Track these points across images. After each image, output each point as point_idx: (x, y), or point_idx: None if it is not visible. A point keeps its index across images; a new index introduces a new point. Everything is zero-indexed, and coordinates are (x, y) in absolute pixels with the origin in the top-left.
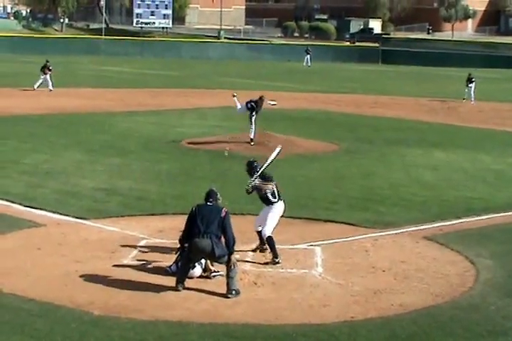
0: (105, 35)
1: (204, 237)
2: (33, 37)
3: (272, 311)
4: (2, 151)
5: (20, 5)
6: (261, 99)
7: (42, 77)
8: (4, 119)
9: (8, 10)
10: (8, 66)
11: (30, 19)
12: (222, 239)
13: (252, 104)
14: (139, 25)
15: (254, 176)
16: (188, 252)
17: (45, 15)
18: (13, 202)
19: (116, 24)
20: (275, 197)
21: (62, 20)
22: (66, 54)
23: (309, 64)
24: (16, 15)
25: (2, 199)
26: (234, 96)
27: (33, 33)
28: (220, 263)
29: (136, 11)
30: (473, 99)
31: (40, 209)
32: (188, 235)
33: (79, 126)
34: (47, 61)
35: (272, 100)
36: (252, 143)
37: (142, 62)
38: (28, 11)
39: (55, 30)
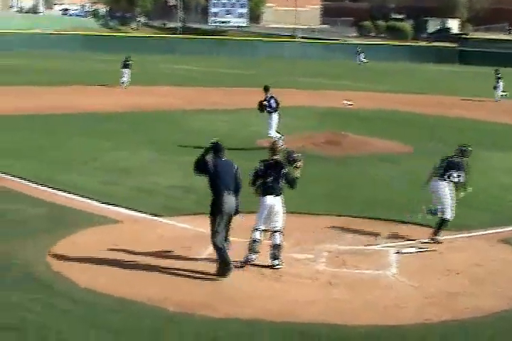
0: (181, 33)
1: (229, 194)
2: (111, 35)
3: (347, 311)
4: (82, 148)
5: (98, 3)
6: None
7: (125, 72)
8: (85, 117)
9: (87, 8)
10: (86, 64)
11: (108, 18)
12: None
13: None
14: (215, 24)
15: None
16: (218, 212)
17: (122, 14)
18: (90, 198)
19: (192, 23)
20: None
21: (139, 19)
22: (142, 52)
23: (364, 61)
24: (94, 13)
25: (80, 195)
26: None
27: (110, 32)
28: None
29: (212, 9)
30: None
31: (117, 205)
32: (213, 193)
33: (154, 124)
34: (127, 57)
35: (348, 100)
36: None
37: (217, 60)
38: (106, 9)
39: (132, 28)
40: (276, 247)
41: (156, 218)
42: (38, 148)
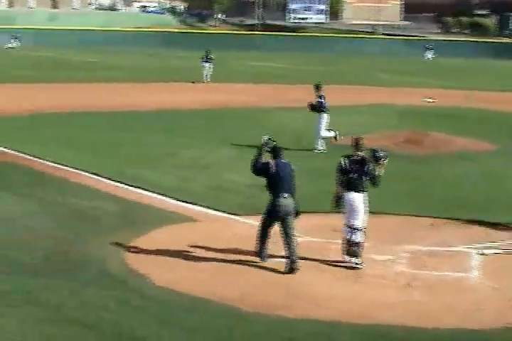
0: (259, 30)
1: (286, 196)
2: (188, 32)
3: (426, 314)
4: (159, 145)
5: (176, 1)
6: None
7: (207, 66)
8: (163, 113)
9: (165, 5)
10: (164, 61)
11: (186, 15)
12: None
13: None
14: (294, 21)
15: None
16: (271, 213)
17: (200, 11)
18: (167, 195)
19: (270, 20)
20: None
21: (217, 16)
22: (220, 49)
23: (430, 58)
24: (173, 11)
25: (157, 193)
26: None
27: (188, 29)
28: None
29: (291, 6)
30: None
31: (193, 203)
32: (271, 194)
33: (232, 122)
34: (208, 51)
35: (429, 97)
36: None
37: (296, 57)
38: (185, 6)
39: (210, 25)
40: (354, 245)
41: (232, 217)
42: (115, 144)
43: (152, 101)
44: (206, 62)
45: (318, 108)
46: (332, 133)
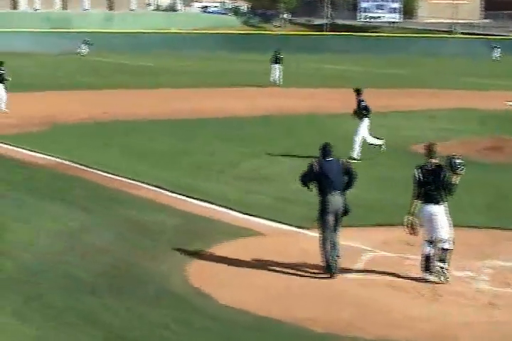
0: (328, 31)
1: (335, 194)
2: (252, 34)
3: (510, 335)
4: (221, 154)
5: (239, 0)
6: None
7: (276, 67)
8: (225, 121)
9: (227, 5)
10: (227, 65)
11: (249, 15)
12: None
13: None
14: (365, 20)
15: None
16: (322, 213)
17: (265, 10)
18: (231, 208)
19: (340, 19)
20: None
21: (282, 15)
22: (287, 52)
23: (497, 57)
24: (235, 11)
25: (220, 205)
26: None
27: (252, 30)
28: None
29: (362, 4)
30: None
31: (258, 216)
32: (319, 194)
33: (298, 129)
34: (277, 51)
35: (510, 101)
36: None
37: (367, 59)
38: (248, 6)
39: (276, 26)
40: (442, 259)
41: (300, 230)
42: (176, 154)
43: (213, 107)
44: (276, 63)
45: (361, 112)
46: (380, 141)
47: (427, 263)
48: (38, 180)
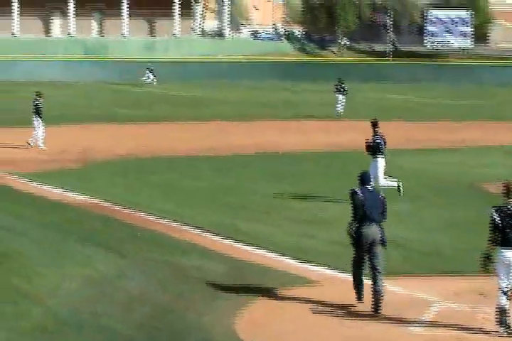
0: (392, 57)
1: (371, 224)
2: (309, 61)
3: None
4: (269, 194)
5: (292, 24)
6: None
7: (340, 98)
8: (273, 157)
9: (280, 30)
10: (281, 95)
11: (304, 41)
12: None
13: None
14: (432, 46)
15: None
16: (357, 242)
17: (321, 36)
18: (283, 254)
19: (404, 45)
20: None
21: (341, 41)
22: (346, 80)
23: None
24: (289, 36)
25: (271, 250)
26: None
27: (308, 57)
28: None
29: (429, 28)
30: None
31: (313, 263)
32: (353, 220)
33: (356, 166)
34: (340, 80)
35: None
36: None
37: (435, 89)
38: (302, 31)
39: (334, 53)
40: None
41: None
42: (217, 192)
43: (262, 141)
44: (339, 92)
45: (374, 150)
46: (395, 183)
47: (502, 317)
48: (70, 221)
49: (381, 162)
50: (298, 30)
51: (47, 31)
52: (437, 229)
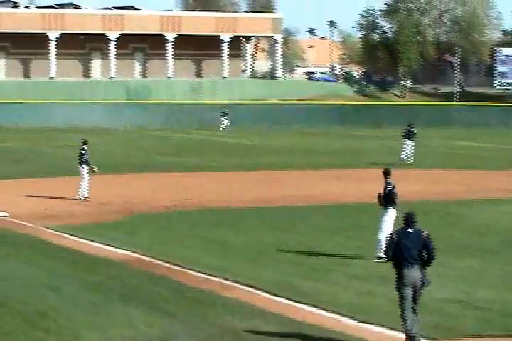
0: (459, 100)
1: (411, 267)
2: (368, 104)
3: None
4: (328, 249)
5: (351, 64)
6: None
7: (408, 144)
8: (332, 208)
9: (337, 71)
10: (337, 141)
11: (364, 82)
12: None
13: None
14: (503, 88)
15: None
16: (400, 285)
17: (382, 76)
18: (343, 314)
19: (472, 86)
20: None
21: (403, 82)
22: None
23: None
24: (347, 77)
25: (328, 310)
26: None
27: (368, 100)
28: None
29: (499, 69)
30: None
31: (376, 324)
32: (394, 265)
33: (422, 218)
34: (410, 125)
35: None
36: None
37: (507, 134)
38: (361, 71)
39: (396, 95)
40: None
41: None
42: (270, 248)
43: (319, 192)
44: (408, 138)
45: (385, 201)
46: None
47: None
48: (113, 278)
49: (392, 214)
50: (356, 71)
51: (86, 73)
52: (508, 285)
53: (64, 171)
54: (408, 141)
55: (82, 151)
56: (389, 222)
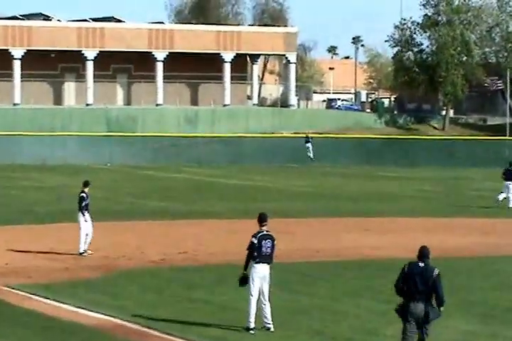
0: (511, 134)
1: (417, 301)
2: (400, 139)
3: None
4: (351, 314)
5: (380, 90)
6: None
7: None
8: (356, 265)
9: (363, 98)
10: (363, 184)
11: (395, 112)
12: None
13: None
14: None
15: None
16: (404, 318)
17: (418, 105)
18: None
19: None
20: None
21: (445, 112)
22: (450, 165)
23: None
24: (376, 105)
25: None
26: None
27: (400, 133)
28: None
29: None
30: None
31: None
32: (402, 296)
33: (469, 278)
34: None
35: None
36: None
37: None
38: (393, 99)
39: (434, 128)
40: None
41: None
42: (284, 312)
43: (341, 244)
44: (510, 179)
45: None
46: None
47: None
48: None
49: None
50: (387, 98)
51: (58, 100)
52: None
53: (30, 218)
54: (510, 184)
55: (83, 195)
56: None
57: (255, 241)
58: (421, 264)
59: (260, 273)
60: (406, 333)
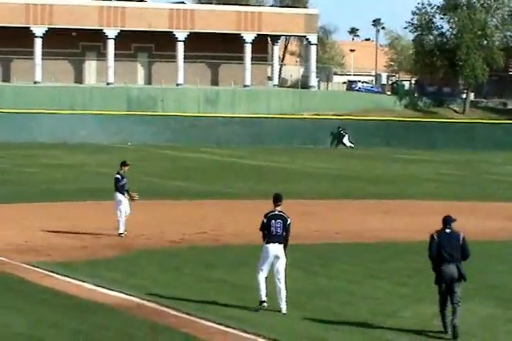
0: None
1: (449, 263)
2: (420, 122)
3: None
4: (370, 297)
5: (400, 73)
6: None
7: None
8: (372, 248)
9: (383, 80)
10: (383, 166)
11: (415, 94)
12: None
13: None
14: None
15: None
16: (438, 281)
17: (438, 88)
18: None
19: None
20: None
21: (465, 96)
22: (470, 148)
23: None
24: (396, 88)
25: None
26: None
27: (420, 116)
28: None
29: None
30: None
31: None
32: (434, 264)
33: (490, 262)
34: None
35: None
36: None
37: None
38: (413, 81)
39: (454, 111)
40: None
41: None
42: (302, 295)
43: (360, 227)
44: None
45: None
46: None
47: None
48: (107, 328)
49: None
50: (407, 81)
51: (79, 78)
52: None
53: (49, 196)
54: None
55: (118, 176)
56: None
57: (265, 221)
58: (447, 230)
59: (270, 253)
60: (440, 292)
